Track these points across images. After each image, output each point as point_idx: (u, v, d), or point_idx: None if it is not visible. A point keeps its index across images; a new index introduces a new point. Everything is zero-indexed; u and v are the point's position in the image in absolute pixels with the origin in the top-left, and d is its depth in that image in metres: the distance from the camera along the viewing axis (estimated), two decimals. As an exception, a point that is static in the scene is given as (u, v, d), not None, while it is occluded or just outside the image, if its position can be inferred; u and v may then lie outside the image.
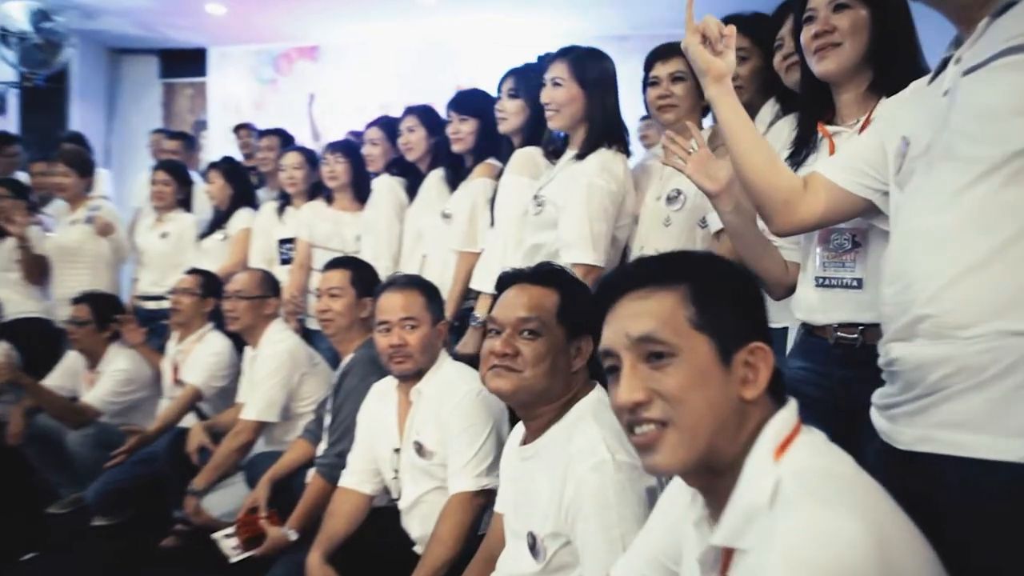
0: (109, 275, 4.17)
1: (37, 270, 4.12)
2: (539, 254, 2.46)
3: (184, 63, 8.07)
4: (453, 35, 7.27)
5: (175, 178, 4.15)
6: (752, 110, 2.33)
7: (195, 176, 4.68)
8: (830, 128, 1.76)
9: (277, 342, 3.04)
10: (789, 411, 1.03)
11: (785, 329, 1.95)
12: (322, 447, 2.67)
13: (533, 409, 1.65)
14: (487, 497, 2.09)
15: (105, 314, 3.56)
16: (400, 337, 2.22)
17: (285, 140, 4.75)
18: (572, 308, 1.66)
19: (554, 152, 2.58)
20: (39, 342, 4.02)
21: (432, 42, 7.41)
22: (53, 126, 6.81)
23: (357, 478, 2.37)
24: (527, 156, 2.69)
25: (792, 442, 1.00)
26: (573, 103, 2.39)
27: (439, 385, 2.22)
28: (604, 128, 2.42)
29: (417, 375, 2.25)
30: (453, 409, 2.15)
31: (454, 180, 3.13)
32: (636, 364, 1.03)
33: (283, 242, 3.90)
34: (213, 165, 4.19)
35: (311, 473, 2.64)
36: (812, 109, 1.83)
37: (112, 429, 3.40)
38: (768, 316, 1.13)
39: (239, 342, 3.41)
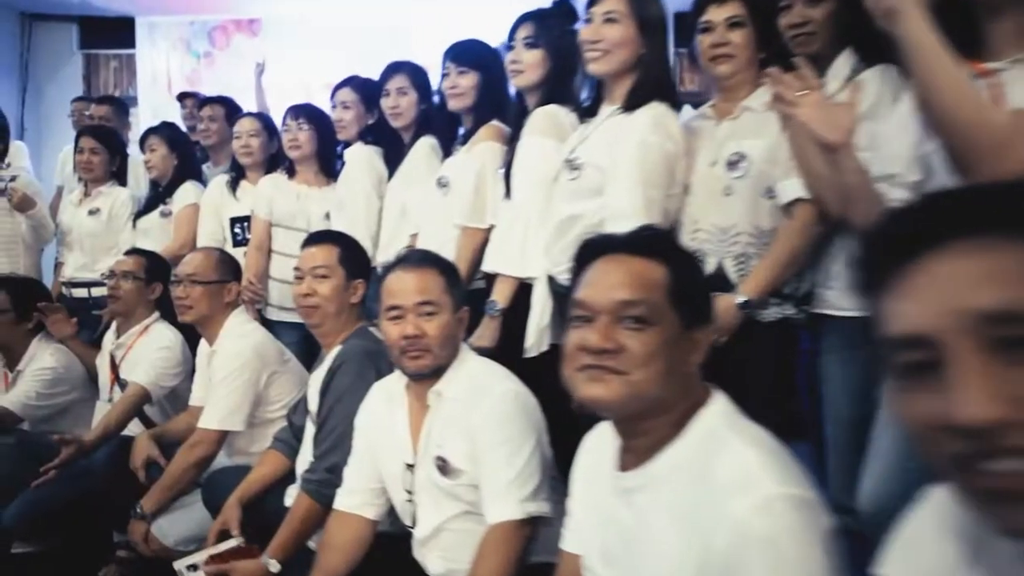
0: (28, 258, 3.56)
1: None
2: (576, 227, 2.04)
3: (108, 33, 7.30)
4: (407, 14, 6.74)
5: (106, 146, 3.55)
6: (822, 63, 1.97)
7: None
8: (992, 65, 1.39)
9: (240, 336, 2.52)
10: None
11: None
12: (303, 460, 2.19)
13: (641, 423, 1.21)
14: (534, 527, 1.66)
15: (26, 302, 2.96)
16: (416, 326, 1.76)
17: (231, 110, 4.20)
18: (686, 287, 1.23)
19: (586, 110, 2.15)
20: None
21: (384, 21, 6.87)
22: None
23: (357, 499, 1.91)
24: (550, 115, 2.25)
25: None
26: (627, 45, 1.98)
27: (464, 386, 1.78)
28: (658, 78, 2.01)
29: (435, 373, 1.80)
30: (486, 417, 1.71)
31: (448, 149, 2.68)
32: None
33: (236, 221, 3.36)
34: (153, 131, 3.60)
35: (292, 492, 2.16)
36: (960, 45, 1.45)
37: (37, 438, 2.83)
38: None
39: (190, 335, 2.88)
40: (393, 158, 2.96)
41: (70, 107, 4.98)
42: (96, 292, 3.48)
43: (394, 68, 2.83)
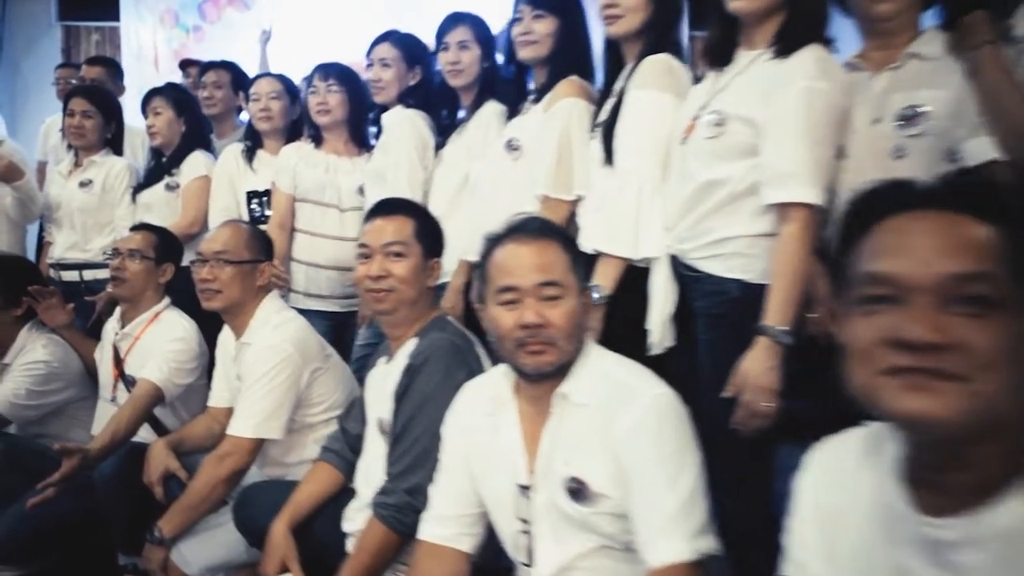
0: (12, 235, 3.06)
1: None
2: (716, 195, 1.65)
3: (89, 4, 6.76)
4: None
5: (100, 109, 3.06)
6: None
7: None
8: None
9: (277, 326, 2.08)
10: None
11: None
12: (366, 476, 1.77)
13: (969, 451, 0.82)
14: (705, 569, 1.27)
15: (15, 285, 2.48)
16: (538, 313, 1.36)
17: (237, 75, 3.73)
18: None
19: (718, 55, 1.75)
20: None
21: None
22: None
23: (450, 528, 1.50)
24: (663, 65, 1.85)
25: None
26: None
27: (599, 387, 1.37)
28: (814, 14, 1.62)
29: (559, 371, 1.40)
30: (637, 428, 1.31)
31: (512, 114, 2.28)
32: None
33: (254, 195, 2.92)
34: (157, 92, 3.12)
35: (353, 516, 1.75)
36: None
37: (27, 444, 2.37)
38: None
39: (205, 323, 2.45)
40: (441, 124, 2.56)
41: (54, 74, 4.46)
42: (88, 275, 3.01)
43: (455, 19, 2.41)
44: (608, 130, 1.89)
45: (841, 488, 0.98)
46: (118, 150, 3.17)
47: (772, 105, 1.56)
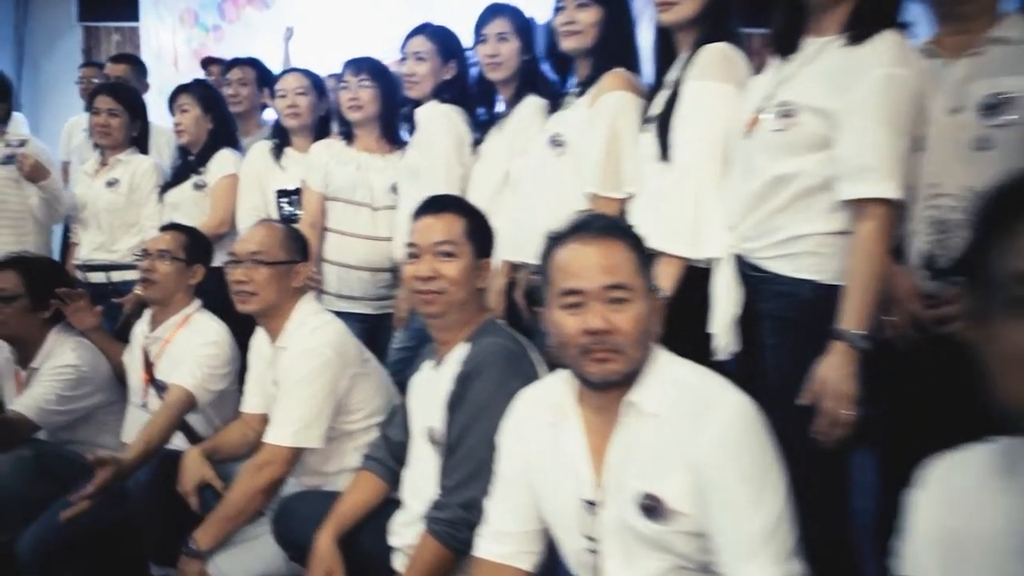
0: (39, 237, 2.99)
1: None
2: (786, 190, 1.54)
3: (109, 4, 6.72)
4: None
5: (126, 107, 2.98)
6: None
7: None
8: None
9: (315, 329, 1.99)
10: None
11: None
12: (414, 488, 1.68)
13: None
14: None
15: (42, 288, 2.40)
16: (604, 318, 1.26)
17: (262, 73, 3.65)
18: None
19: (783, 43, 1.65)
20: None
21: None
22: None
23: (509, 546, 1.40)
24: (722, 54, 1.75)
25: None
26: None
27: (671, 396, 1.27)
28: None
29: (626, 379, 1.30)
30: (719, 441, 1.21)
31: (554, 108, 2.18)
32: None
33: (283, 194, 2.83)
34: (184, 89, 3.04)
35: (400, 530, 1.66)
36: None
37: (57, 451, 2.30)
38: None
39: (234, 325, 2.37)
40: (478, 119, 2.47)
41: (77, 73, 4.40)
42: (116, 276, 2.93)
43: (494, 10, 2.32)
44: (663, 124, 1.79)
45: (968, 510, 0.87)
46: (144, 148, 3.09)
47: (847, 94, 1.46)
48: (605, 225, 1.35)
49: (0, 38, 6.35)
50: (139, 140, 3.06)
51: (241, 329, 2.35)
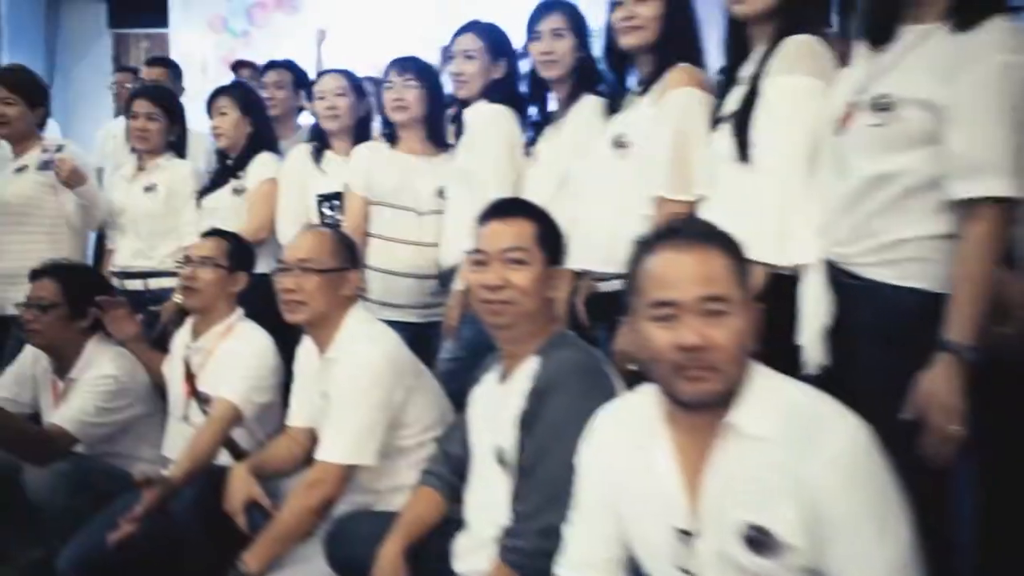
0: (73, 243, 2.90)
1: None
2: (887, 190, 1.42)
3: (138, 11, 6.70)
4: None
5: (164, 110, 2.90)
6: None
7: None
8: None
9: (368, 340, 1.89)
10: None
11: None
12: (478, 508, 1.57)
13: None
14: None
15: (82, 295, 2.32)
16: (699, 333, 1.15)
17: (298, 76, 3.57)
18: None
19: (877, 32, 1.52)
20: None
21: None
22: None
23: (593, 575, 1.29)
24: (808, 47, 1.63)
25: None
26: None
27: (777, 416, 1.16)
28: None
29: (721, 398, 1.18)
30: (835, 468, 1.09)
31: (614, 109, 2.07)
32: None
33: (325, 199, 2.74)
34: (223, 91, 2.95)
35: (463, 554, 1.54)
36: None
37: (96, 464, 2.20)
38: None
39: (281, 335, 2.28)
40: (530, 120, 2.36)
41: (110, 79, 4.34)
42: (154, 284, 2.84)
43: (548, 6, 2.21)
44: (741, 122, 1.67)
45: None
46: (181, 153, 3.00)
47: (958, 84, 1.33)
48: (701, 230, 1.24)
49: (31, 46, 6.31)
50: (177, 145, 2.98)
51: (278, 337, 2.27)
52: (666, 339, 1.17)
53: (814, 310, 1.51)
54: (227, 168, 2.90)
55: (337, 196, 2.71)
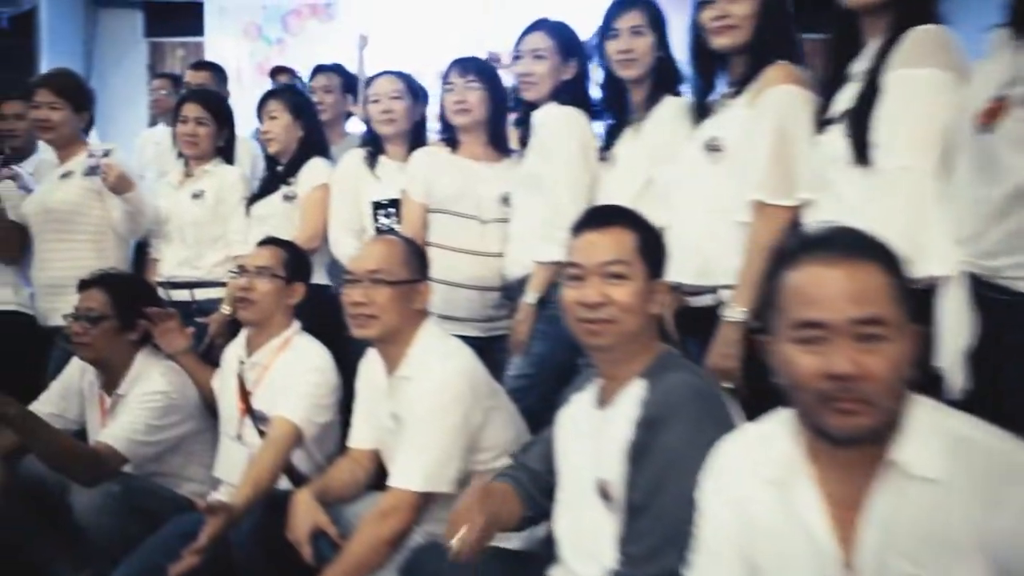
0: (118, 251, 2.78)
1: (10, 243, 2.76)
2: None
3: (174, 19, 6.66)
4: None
5: (213, 114, 2.78)
6: None
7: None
8: None
9: (444, 357, 1.74)
10: None
11: None
12: (582, 547, 1.41)
13: None
14: None
15: (131, 306, 2.20)
16: (852, 360, 0.99)
17: (346, 80, 3.47)
18: None
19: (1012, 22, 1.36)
20: (13, 348, 2.66)
21: (462, 5, 6.13)
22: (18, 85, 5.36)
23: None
24: (938, 38, 1.47)
25: None
26: None
27: (948, 455, 1.00)
28: None
29: (875, 434, 1.03)
30: None
31: (702, 112, 1.92)
32: None
33: (380, 206, 2.60)
34: (273, 94, 2.83)
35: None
36: None
37: (145, 484, 2.08)
38: None
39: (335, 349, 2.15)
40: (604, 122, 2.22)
41: (148, 85, 4.25)
42: (200, 294, 2.71)
43: (626, 3, 2.07)
44: (858, 121, 1.52)
45: None
46: (230, 159, 2.89)
47: None
48: (854, 242, 1.08)
49: (69, 54, 6.26)
50: (225, 150, 2.86)
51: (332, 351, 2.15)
52: (813, 365, 1.02)
53: (956, 329, 1.35)
54: (278, 174, 2.77)
55: (392, 203, 2.57)
